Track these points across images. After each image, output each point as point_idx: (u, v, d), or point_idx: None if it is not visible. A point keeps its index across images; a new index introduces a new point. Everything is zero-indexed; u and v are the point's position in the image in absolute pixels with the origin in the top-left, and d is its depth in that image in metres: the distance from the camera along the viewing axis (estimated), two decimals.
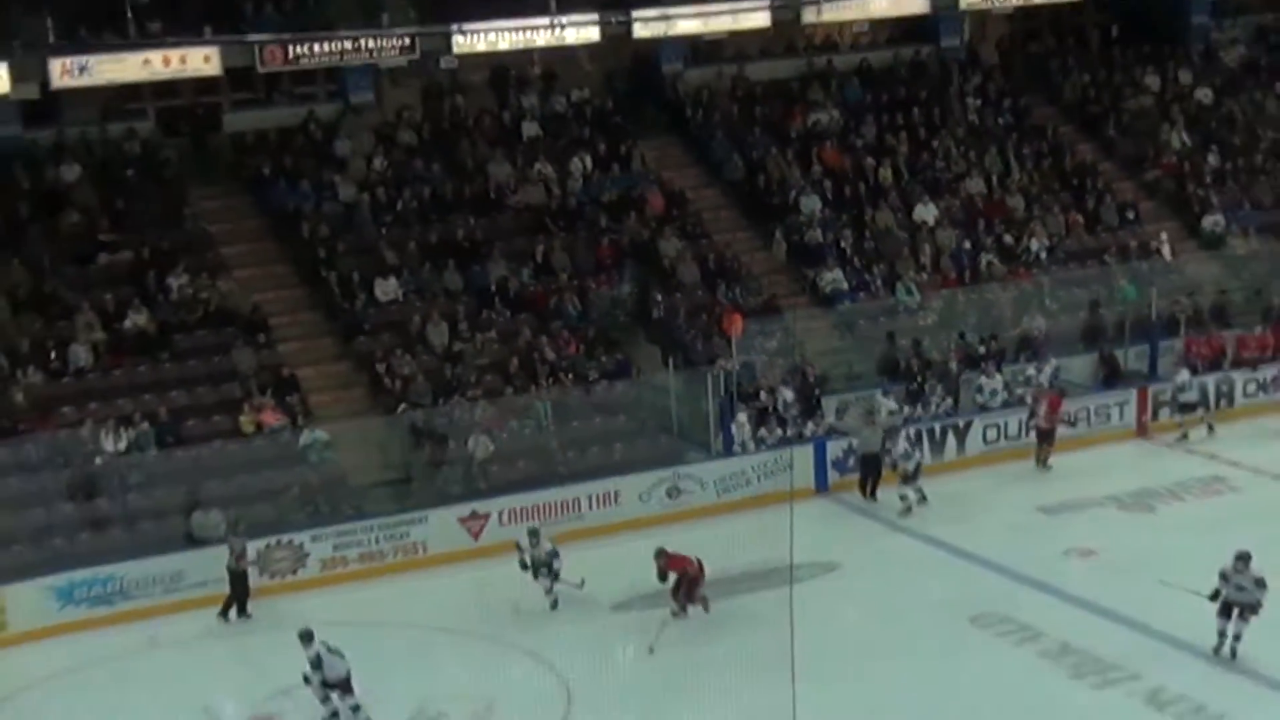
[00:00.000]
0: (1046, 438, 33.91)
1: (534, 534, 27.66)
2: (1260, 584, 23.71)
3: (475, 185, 38.19)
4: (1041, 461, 33.85)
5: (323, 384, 33.83)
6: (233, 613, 28.09)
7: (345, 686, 23.52)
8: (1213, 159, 43.20)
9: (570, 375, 33.81)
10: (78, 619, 27.93)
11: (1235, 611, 23.89)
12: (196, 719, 24.12)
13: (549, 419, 33.07)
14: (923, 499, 31.81)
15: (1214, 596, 24.03)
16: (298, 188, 36.97)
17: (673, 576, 26.52)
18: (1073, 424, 34.95)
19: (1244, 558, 23.74)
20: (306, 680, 23.64)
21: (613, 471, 32.10)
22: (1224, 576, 23.95)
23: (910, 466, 31.92)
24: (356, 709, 23.55)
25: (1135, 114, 44.43)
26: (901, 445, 32.06)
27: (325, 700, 23.65)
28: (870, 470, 32.52)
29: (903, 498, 31.78)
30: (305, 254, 35.93)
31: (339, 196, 36.99)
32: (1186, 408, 35.34)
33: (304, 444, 31.34)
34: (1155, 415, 35.71)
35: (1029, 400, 34.45)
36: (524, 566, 27.46)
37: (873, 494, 32.42)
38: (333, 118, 39.01)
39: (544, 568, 27.44)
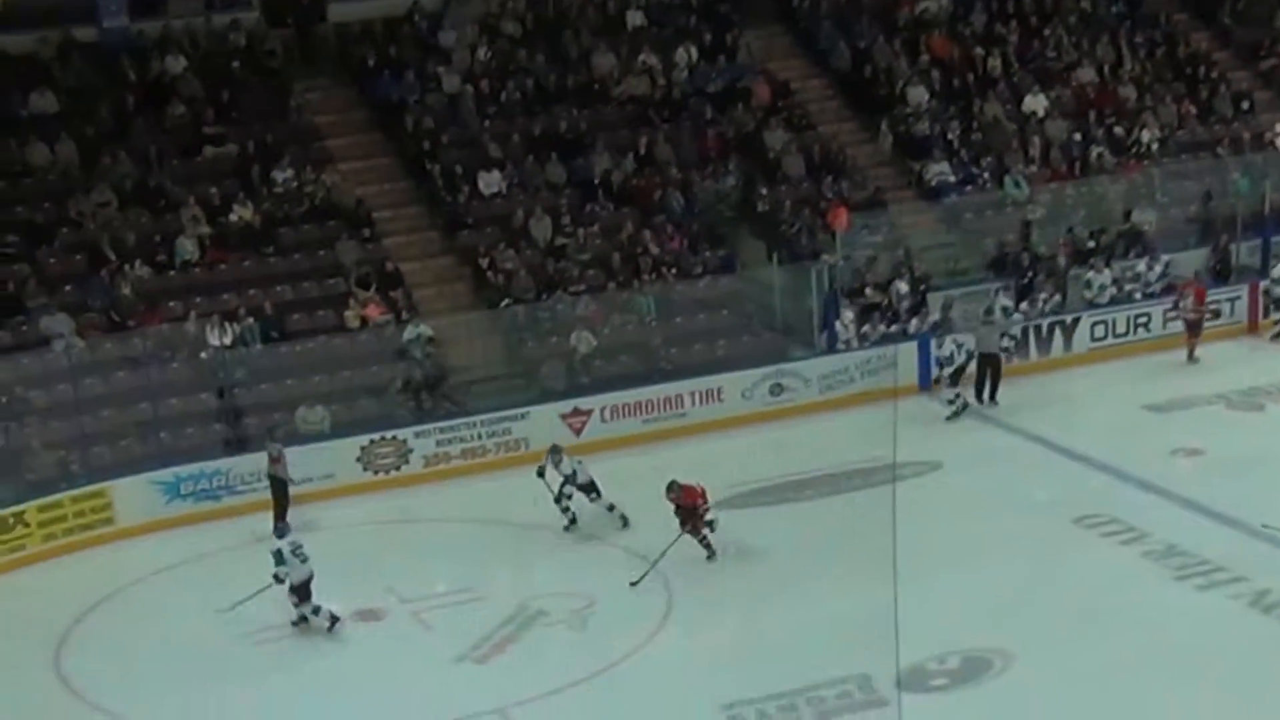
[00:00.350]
0: (1194, 329, 33.46)
1: (556, 452, 26.89)
2: None
3: (579, 76, 37.89)
4: (1190, 354, 33.40)
5: (426, 278, 33.83)
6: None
7: (302, 592, 23.39)
8: None
9: (674, 270, 33.66)
10: (184, 513, 28.29)
11: None
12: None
13: (652, 314, 32.98)
14: (965, 406, 31.29)
15: None
16: (402, 79, 36.73)
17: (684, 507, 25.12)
18: (1217, 314, 34.52)
19: None
20: (278, 580, 23.44)
21: (716, 368, 32.01)
22: None
23: (949, 371, 31.59)
24: (317, 610, 23.44)
25: (1251, 0, 43.44)
26: (948, 347, 31.62)
27: (297, 605, 23.54)
28: (988, 370, 31.77)
29: (950, 401, 31.38)
30: (409, 147, 35.82)
31: (443, 88, 36.76)
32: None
33: (408, 339, 31.36)
34: (1267, 312, 35.15)
35: (1175, 291, 34.19)
36: (540, 475, 26.56)
37: (992, 397, 31.57)
38: (437, 7, 38.59)
39: (572, 488, 26.65)
